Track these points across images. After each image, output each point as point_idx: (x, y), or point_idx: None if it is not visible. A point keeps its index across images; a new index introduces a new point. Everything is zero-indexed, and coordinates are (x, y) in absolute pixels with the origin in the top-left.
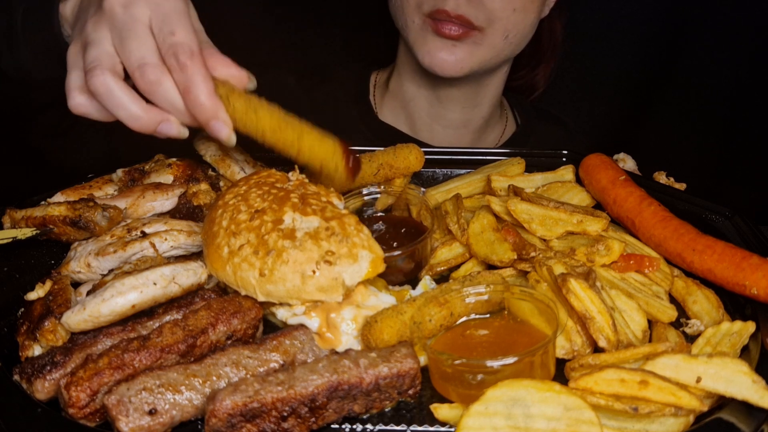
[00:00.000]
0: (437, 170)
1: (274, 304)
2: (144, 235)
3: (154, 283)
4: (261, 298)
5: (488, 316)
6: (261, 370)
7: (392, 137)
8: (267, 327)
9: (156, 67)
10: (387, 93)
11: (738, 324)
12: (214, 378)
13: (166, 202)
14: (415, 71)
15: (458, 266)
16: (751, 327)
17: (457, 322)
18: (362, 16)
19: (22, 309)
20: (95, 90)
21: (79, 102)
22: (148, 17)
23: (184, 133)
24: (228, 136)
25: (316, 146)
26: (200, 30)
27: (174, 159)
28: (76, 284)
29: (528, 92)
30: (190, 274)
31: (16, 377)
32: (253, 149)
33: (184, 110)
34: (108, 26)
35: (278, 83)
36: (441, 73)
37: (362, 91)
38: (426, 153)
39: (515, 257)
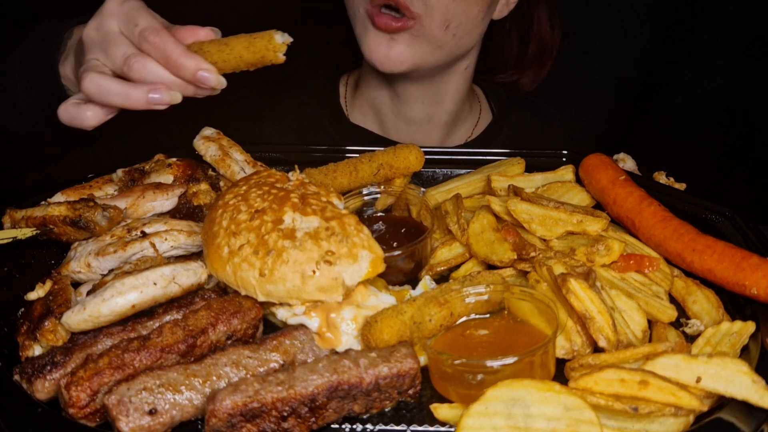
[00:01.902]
0: (437, 170)
1: (274, 304)
2: (144, 235)
3: (154, 283)
4: (261, 298)
5: (488, 316)
6: (261, 370)
7: (362, 138)
8: (267, 327)
9: (137, 55)
10: (356, 94)
11: (738, 324)
12: (214, 378)
13: (166, 202)
14: (374, 69)
15: (458, 266)
16: (751, 327)
17: (457, 322)
18: (329, 22)
19: (22, 309)
20: (89, 91)
21: (90, 115)
22: (117, 26)
23: (176, 96)
24: (217, 80)
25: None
26: (162, 19)
27: (174, 159)
28: (76, 284)
29: (512, 90)
30: (190, 274)
31: (16, 377)
32: (254, 149)
33: (173, 78)
34: (91, 49)
35: (239, 96)
36: (381, 68)
37: (331, 95)
38: (426, 153)
39: (515, 257)
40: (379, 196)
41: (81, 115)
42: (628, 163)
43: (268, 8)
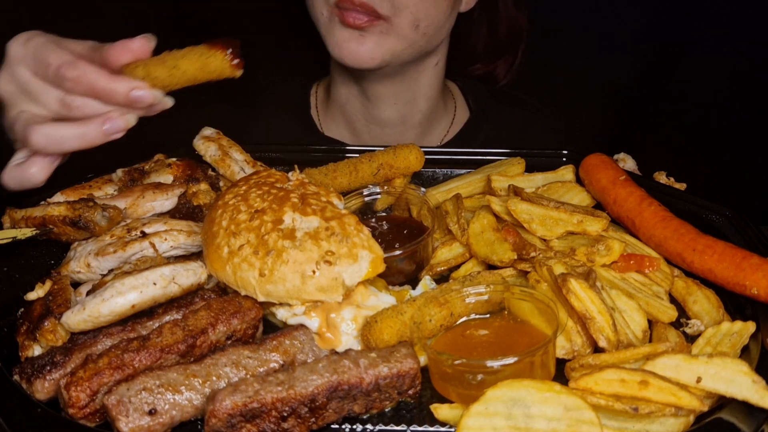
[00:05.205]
0: (437, 170)
1: (274, 304)
2: (144, 235)
3: (154, 283)
4: (261, 298)
5: (488, 316)
6: (261, 370)
7: (337, 151)
8: (267, 327)
9: (71, 97)
10: (328, 102)
11: (738, 324)
12: (214, 378)
13: (166, 202)
14: (341, 71)
15: (458, 266)
16: (751, 327)
17: (457, 322)
18: (294, 30)
19: (22, 309)
20: (40, 144)
21: (36, 171)
22: (29, 72)
23: (131, 120)
24: (153, 96)
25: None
26: (82, 43)
27: (174, 159)
28: (76, 284)
29: (490, 83)
30: (190, 274)
31: (16, 377)
32: (254, 149)
33: (114, 106)
34: (15, 103)
35: (214, 117)
36: (351, 63)
37: (303, 106)
38: (426, 153)
39: (515, 257)
40: (379, 196)
41: (27, 174)
42: (628, 163)
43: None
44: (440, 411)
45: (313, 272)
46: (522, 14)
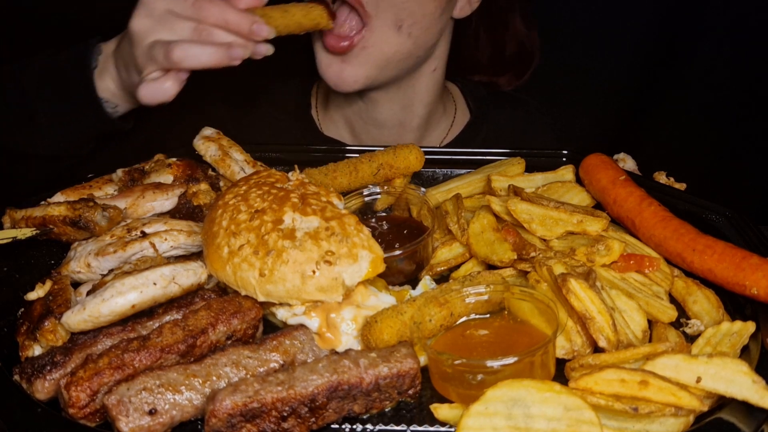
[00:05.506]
0: (437, 170)
1: (274, 304)
2: (144, 235)
3: (154, 283)
4: (261, 298)
5: (488, 316)
6: (261, 370)
7: (337, 151)
8: (267, 327)
9: (202, 24)
10: (327, 103)
11: (738, 324)
12: (214, 378)
13: (166, 202)
14: None
15: (458, 266)
16: (751, 327)
17: (457, 322)
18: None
19: (22, 309)
20: (177, 56)
21: (169, 86)
22: (165, 6)
23: (247, 51)
24: (268, 30)
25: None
26: None
27: (174, 159)
28: (76, 284)
29: (491, 87)
30: (190, 274)
31: (16, 377)
32: (254, 149)
33: (235, 37)
34: (148, 35)
35: (214, 117)
36: (336, 87)
37: (303, 106)
38: (426, 153)
39: (515, 257)
40: (379, 196)
41: (162, 88)
42: (628, 163)
43: None
44: (440, 411)
45: (313, 272)
46: (534, 34)
